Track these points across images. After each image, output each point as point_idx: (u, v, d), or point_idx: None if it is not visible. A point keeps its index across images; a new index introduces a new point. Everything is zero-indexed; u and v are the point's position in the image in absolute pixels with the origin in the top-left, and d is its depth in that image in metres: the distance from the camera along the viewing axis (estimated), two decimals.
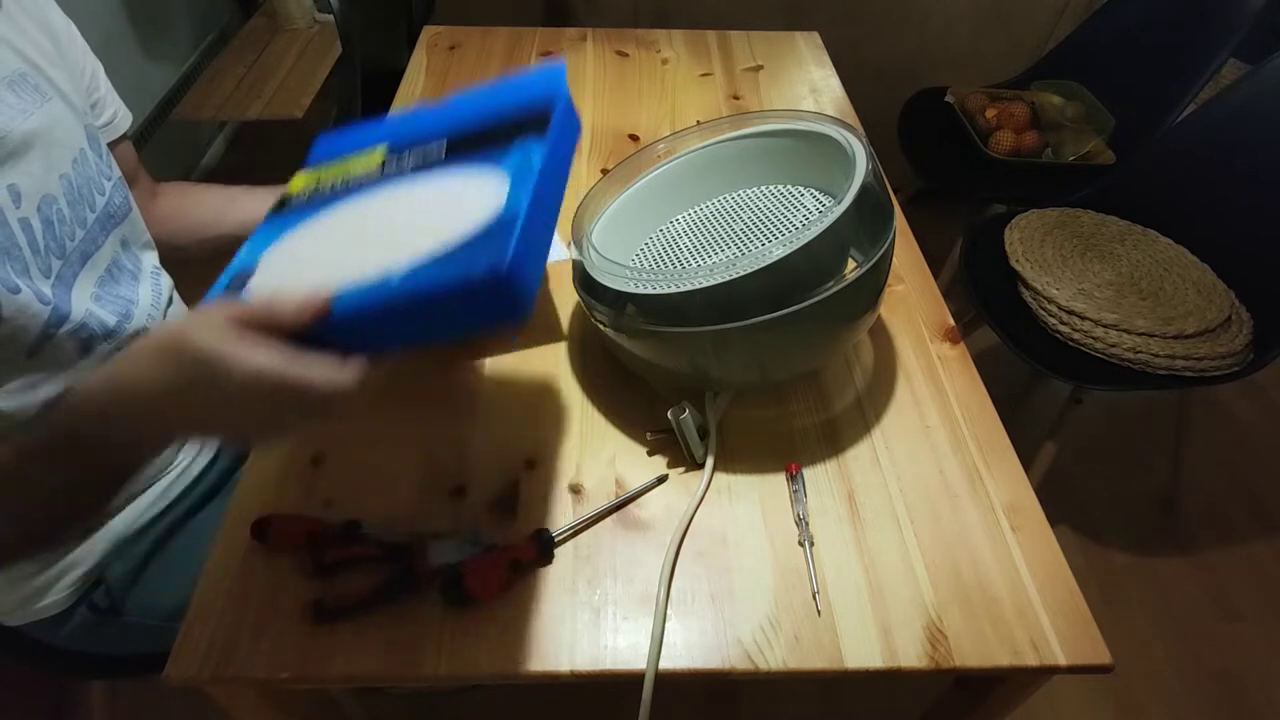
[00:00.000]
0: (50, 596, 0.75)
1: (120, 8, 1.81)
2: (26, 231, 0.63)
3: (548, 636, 0.60)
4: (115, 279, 0.74)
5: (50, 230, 0.66)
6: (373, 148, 0.68)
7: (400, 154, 0.65)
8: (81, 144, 0.70)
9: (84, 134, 0.71)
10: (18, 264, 0.62)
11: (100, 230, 0.72)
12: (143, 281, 0.78)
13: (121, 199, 0.76)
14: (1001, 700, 0.69)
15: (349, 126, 0.73)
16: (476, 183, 0.57)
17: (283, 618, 0.60)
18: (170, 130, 1.96)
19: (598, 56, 1.32)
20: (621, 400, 0.77)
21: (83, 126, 0.71)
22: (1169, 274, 1.30)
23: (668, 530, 0.67)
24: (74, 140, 0.69)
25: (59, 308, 0.65)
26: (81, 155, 0.70)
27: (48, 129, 0.66)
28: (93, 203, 0.71)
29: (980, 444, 0.74)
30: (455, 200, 0.56)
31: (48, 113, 0.66)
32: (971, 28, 1.90)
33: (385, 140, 0.68)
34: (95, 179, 0.72)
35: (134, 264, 0.78)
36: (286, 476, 0.70)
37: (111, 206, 0.74)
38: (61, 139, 0.67)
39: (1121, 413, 1.77)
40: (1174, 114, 1.48)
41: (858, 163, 0.69)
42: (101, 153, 0.74)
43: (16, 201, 0.63)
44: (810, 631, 0.60)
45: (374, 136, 0.69)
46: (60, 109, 0.68)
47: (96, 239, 0.72)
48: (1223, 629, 1.40)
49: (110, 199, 0.74)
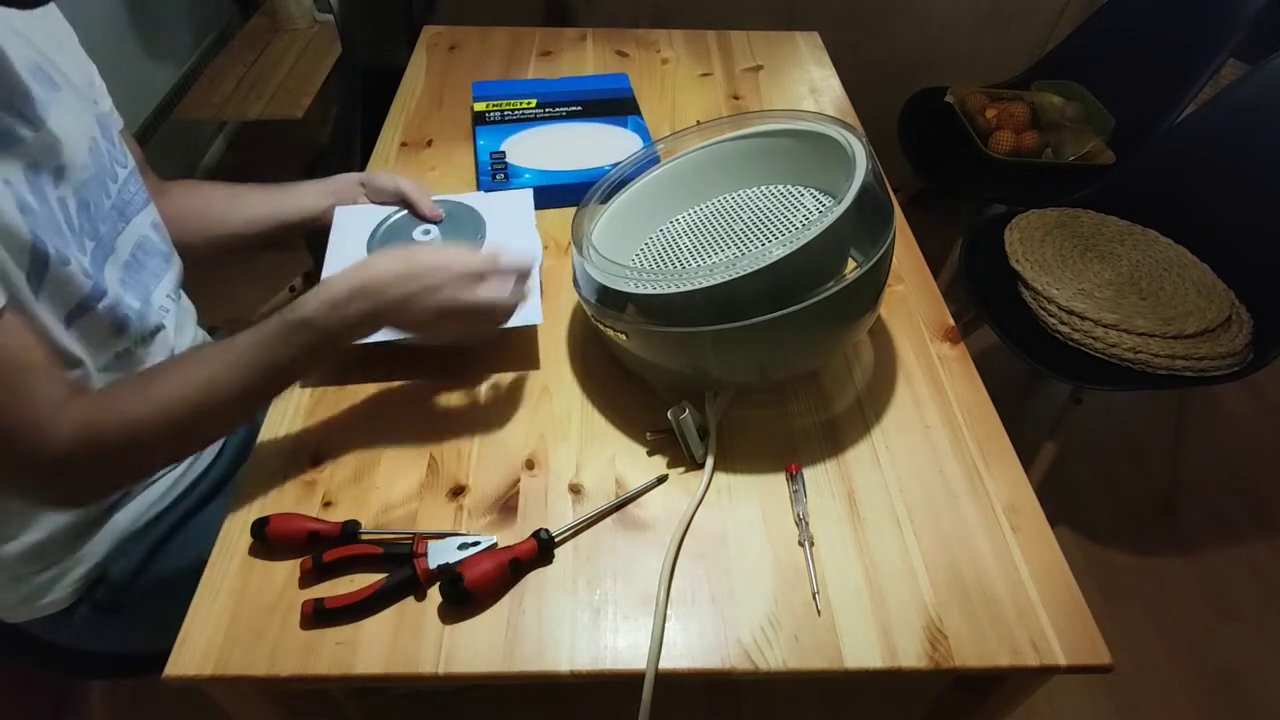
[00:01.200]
0: (52, 594, 0.75)
1: (120, 8, 1.81)
2: (64, 210, 0.65)
3: (547, 636, 0.60)
4: (139, 266, 0.75)
5: (85, 212, 0.67)
6: (526, 99, 1.15)
7: (545, 106, 1.13)
8: (94, 132, 0.71)
9: (95, 123, 0.72)
10: (62, 240, 0.63)
11: (119, 217, 0.73)
12: (161, 272, 0.79)
13: (137, 188, 0.76)
14: (1001, 700, 0.69)
15: (499, 82, 1.20)
16: (615, 132, 1.09)
17: (283, 618, 0.60)
18: (170, 130, 1.96)
19: (598, 56, 1.32)
20: (621, 400, 0.77)
21: (93, 116, 0.72)
22: (1169, 274, 1.30)
23: (668, 530, 0.67)
24: (86, 128, 0.70)
25: (98, 283, 0.66)
26: (94, 144, 0.70)
27: (64, 118, 0.66)
28: (108, 190, 0.72)
29: (980, 444, 0.74)
30: (608, 139, 1.08)
31: (62, 102, 0.67)
32: (971, 28, 1.90)
33: (533, 95, 1.16)
34: (109, 167, 0.72)
35: (154, 253, 0.78)
36: (286, 476, 0.70)
37: (127, 194, 0.75)
38: (74, 127, 0.68)
39: (1121, 413, 1.77)
40: (1174, 114, 1.48)
41: (858, 163, 0.69)
42: (114, 140, 0.74)
43: (57, 183, 0.64)
44: (810, 631, 0.60)
45: (522, 91, 1.16)
46: (71, 98, 0.69)
47: (116, 225, 0.73)
48: (1223, 629, 1.40)
49: (125, 187, 0.74)
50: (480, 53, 1.32)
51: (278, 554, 0.64)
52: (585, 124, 1.11)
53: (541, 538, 0.64)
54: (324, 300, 0.64)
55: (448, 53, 1.32)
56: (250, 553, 0.64)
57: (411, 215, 0.88)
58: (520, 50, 1.33)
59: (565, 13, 1.87)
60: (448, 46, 1.33)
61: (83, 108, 0.70)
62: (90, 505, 0.73)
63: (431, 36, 1.36)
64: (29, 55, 0.66)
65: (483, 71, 1.27)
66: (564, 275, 0.90)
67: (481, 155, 1.04)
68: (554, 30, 1.39)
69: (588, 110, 1.13)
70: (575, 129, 1.10)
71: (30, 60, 0.66)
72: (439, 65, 1.28)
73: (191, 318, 0.87)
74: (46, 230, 0.61)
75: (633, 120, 1.11)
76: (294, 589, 0.62)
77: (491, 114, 1.12)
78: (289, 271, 1.66)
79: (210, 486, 0.85)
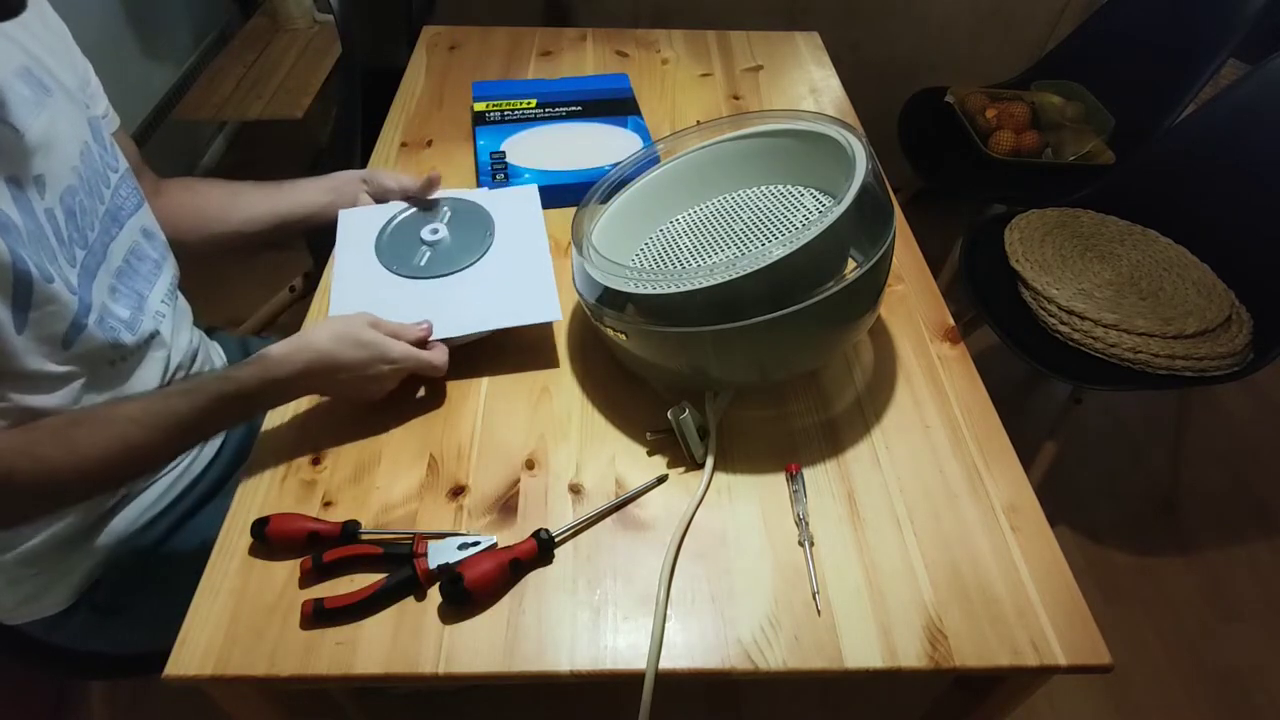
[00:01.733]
0: (51, 595, 0.75)
1: (120, 8, 1.81)
2: (51, 222, 0.64)
3: (548, 636, 0.60)
4: (132, 272, 0.75)
5: (73, 221, 0.67)
6: (526, 99, 1.15)
7: (546, 106, 1.14)
8: (85, 137, 0.71)
9: (87, 127, 0.71)
10: (47, 253, 0.63)
11: (112, 222, 0.73)
12: (155, 275, 0.79)
13: (129, 190, 0.76)
14: (1001, 700, 0.69)
15: (499, 82, 1.20)
16: (615, 132, 1.09)
17: (283, 618, 0.60)
18: (170, 130, 1.96)
19: (598, 57, 1.32)
20: (621, 400, 0.77)
21: (85, 120, 0.71)
22: (1169, 274, 1.30)
23: (668, 530, 0.67)
24: (79, 133, 0.70)
25: (83, 298, 0.66)
26: (86, 148, 0.70)
27: (55, 122, 0.66)
28: (101, 195, 0.72)
29: (980, 444, 0.74)
30: (607, 139, 1.08)
31: (53, 106, 0.67)
32: (971, 28, 1.90)
33: (533, 95, 1.16)
34: (101, 172, 0.72)
35: (147, 257, 0.78)
36: (286, 476, 0.70)
37: (119, 198, 0.74)
38: (66, 132, 0.68)
39: (1121, 413, 1.77)
40: (1174, 114, 1.48)
41: (858, 163, 0.69)
42: (105, 144, 0.74)
43: (41, 192, 0.64)
44: (810, 631, 0.60)
45: (522, 91, 1.16)
46: (63, 102, 0.69)
47: (109, 230, 0.72)
48: (1223, 629, 1.40)
49: (116, 191, 0.74)
50: (480, 53, 1.32)
51: (278, 554, 0.64)
52: (585, 124, 1.11)
53: (541, 538, 0.64)
54: (267, 379, 0.66)
55: (448, 53, 1.32)
56: (250, 553, 0.64)
57: (419, 213, 0.88)
58: (520, 50, 1.33)
59: (565, 13, 1.87)
60: (448, 46, 1.33)
61: (75, 112, 0.70)
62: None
63: (431, 36, 1.36)
64: (17, 58, 0.65)
65: (483, 71, 1.27)
66: (564, 275, 0.90)
67: (481, 155, 1.04)
68: (554, 30, 1.39)
69: (588, 110, 1.14)
70: (575, 129, 1.10)
71: (18, 63, 0.65)
72: (439, 65, 1.28)
73: (187, 319, 0.86)
74: (29, 246, 0.60)
75: (633, 120, 1.11)
76: (294, 589, 0.62)
77: (492, 114, 1.12)
78: (289, 271, 1.66)
79: (209, 486, 0.85)
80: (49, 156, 0.65)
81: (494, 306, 0.78)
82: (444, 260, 0.83)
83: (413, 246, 0.84)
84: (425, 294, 0.80)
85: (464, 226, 0.87)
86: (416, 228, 0.86)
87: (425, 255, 0.83)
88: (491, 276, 0.82)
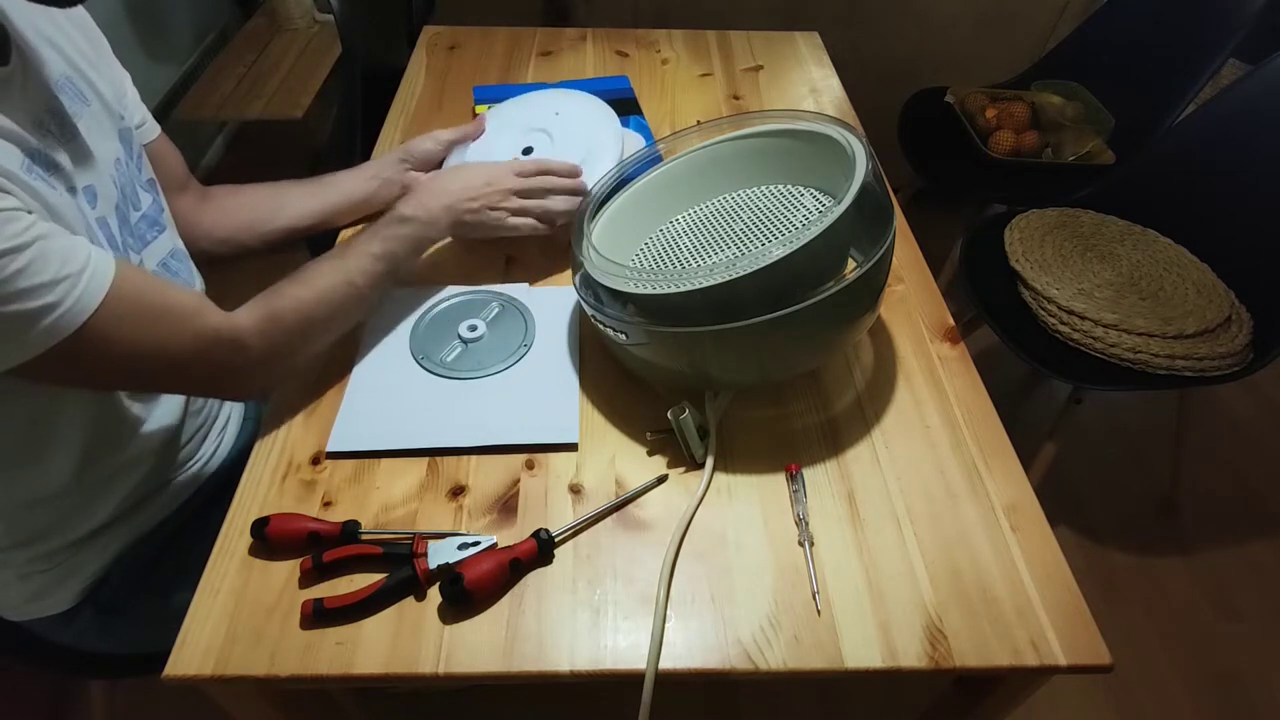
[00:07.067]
0: (57, 594, 0.75)
1: (120, 8, 1.81)
2: (104, 229, 0.65)
3: (547, 636, 0.60)
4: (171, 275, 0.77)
5: (127, 227, 0.69)
6: None
7: None
8: (118, 150, 0.71)
9: (119, 139, 0.71)
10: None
11: (148, 228, 0.74)
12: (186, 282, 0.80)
13: (151, 200, 0.76)
14: (1001, 700, 0.69)
15: (500, 86, 1.22)
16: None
17: (282, 618, 0.60)
18: (170, 130, 1.95)
19: (598, 57, 1.32)
20: (621, 400, 0.77)
21: (117, 131, 0.71)
22: (1169, 274, 1.30)
23: (668, 530, 0.67)
24: (113, 145, 0.70)
25: None
26: (119, 162, 0.70)
27: (91, 133, 0.66)
28: (136, 202, 0.73)
29: (980, 444, 0.74)
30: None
31: (91, 116, 0.67)
32: (971, 28, 1.90)
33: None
34: (132, 187, 0.73)
35: (177, 265, 0.79)
36: (286, 476, 0.70)
37: (154, 210, 0.76)
38: (102, 144, 0.68)
39: (1121, 413, 1.77)
40: (1174, 114, 1.48)
41: (858, 163, 0.69)
42: (134, 155, 0.74)
43: (93, 203, 0.64)
44: (810, 631, 0.60)
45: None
46: (100, 113, 0.69)
47: (145, 237, 0.74)
48: (1223, 629, 1.40)
49: (146, 210, 0.75)
50: (480, 53, 1.32)
51: (277, 554, 0.64)
52: None
53: (541, 538, 0.64)
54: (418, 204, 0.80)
55: (448, 53, 1.32)
56: (250, 553, 0.64)
57: (465, 302, 0.86)
58: (520, 50, 1.33)
59: (565, 13, 1.87)
60: (448, 46, 1.33)
61: (110, 123, 0.70)
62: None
63: (431, 37, 1.36)
64: (61, 67, 0.66)
65: (483, 71, 1.27)
66: (565, 275, 0.90)
67: None
68: (554, 30, 1.39)
69: None
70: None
71: (60, 73, 0.65)
72: (439, 65, 1.28)
73: None
74: None
75: (633, 120, 1.11)
76: (294, 589, 0.62)
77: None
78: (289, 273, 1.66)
79: (215, 490, 0.85)
80: (96, 166, 0.66)
81: (508, 422, 0.74)
82: (473, 361, 0.79)
83: (447, 339, 0.81)
84: (443, 393, 0.76)
85: (504, 327, 0.83)
86: (457, 320, 0.83)
87: (456, 351, 0.80)
88: (515, 388, 0.77)
